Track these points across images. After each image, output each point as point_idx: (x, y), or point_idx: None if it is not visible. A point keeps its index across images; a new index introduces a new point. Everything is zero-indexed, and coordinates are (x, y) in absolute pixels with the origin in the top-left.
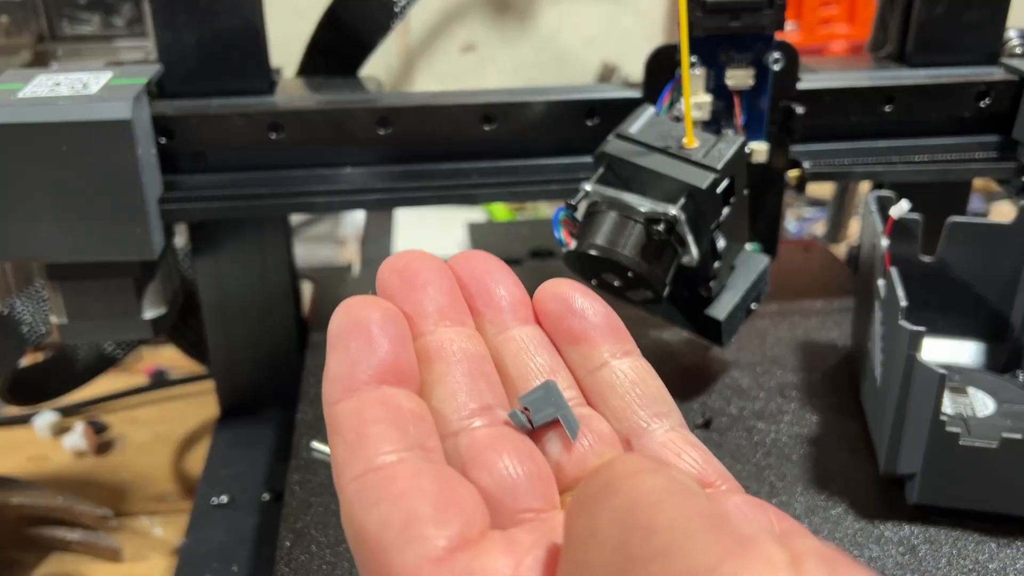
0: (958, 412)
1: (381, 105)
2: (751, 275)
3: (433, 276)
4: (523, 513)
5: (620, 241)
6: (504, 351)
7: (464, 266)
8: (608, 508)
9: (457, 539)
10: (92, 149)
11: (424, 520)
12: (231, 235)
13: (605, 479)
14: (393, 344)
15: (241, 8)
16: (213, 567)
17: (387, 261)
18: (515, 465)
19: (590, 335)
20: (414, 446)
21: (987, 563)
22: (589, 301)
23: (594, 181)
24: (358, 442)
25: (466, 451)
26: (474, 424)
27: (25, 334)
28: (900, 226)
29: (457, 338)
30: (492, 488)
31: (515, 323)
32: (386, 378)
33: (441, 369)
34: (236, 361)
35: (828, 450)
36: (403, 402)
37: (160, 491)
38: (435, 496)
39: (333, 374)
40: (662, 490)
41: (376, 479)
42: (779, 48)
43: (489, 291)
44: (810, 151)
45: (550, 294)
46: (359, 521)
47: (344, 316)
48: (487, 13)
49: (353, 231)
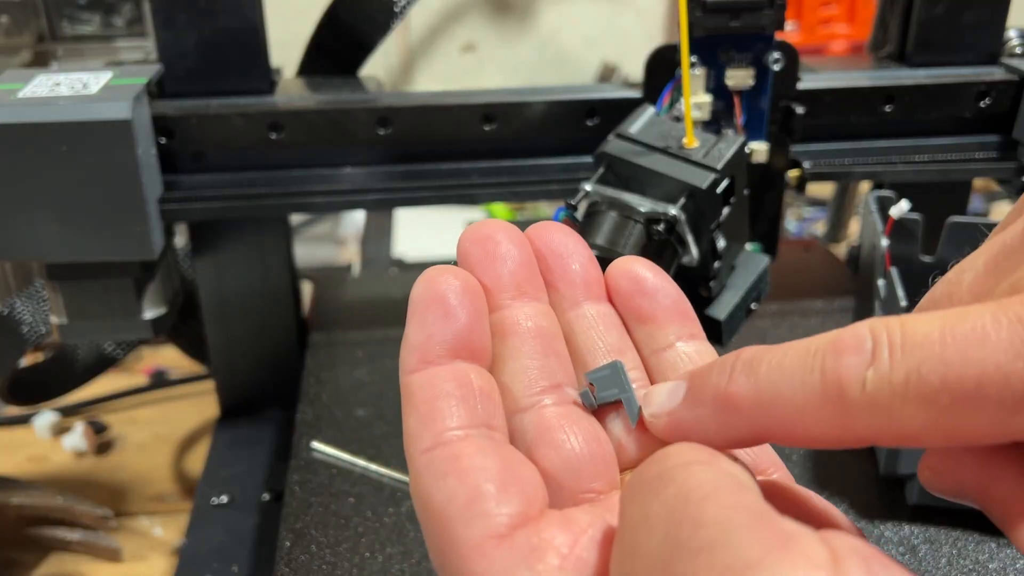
0: None
1: (381, 105)
2: (751, 275)
3: (513, 249)
4: (585, 493)
5: (620, 241)
6: (575, 327)
7: (542, 238)
8: (660, 498)
9: (518, 516)
10: (92, 149)
11: (488, 497)
12: (231, 235)
13: (659, 468)
14: (469, 318)
15: (241, 8)
16: (213, 567)
17: (468, 229)
18: (581, 446)
19: (659, 316)
20: (480, 424)
21: (987, 563)
22: (661, 282)
23: (594, 181)
24: (429, 415)
25: (535, 429)
26: (544, 402)
27: (25, 334)
28: (900, 226)
29: (533, 314)
30: (558, 466)
31: (587, 300)
32: (460, 352)
33: (515, 344)
34: (236, 361)
35: (828, 450)
36: (474, 378)
37: (160, 491)
38: (499, 475)
39: (410, 343)
40: (712, 483)
41: (444, 454)
42: (779, 48)
43: (565, 265)
44: (810, 151)
45: (623, 272)
46: (427, 492)
47: (424, 285)
48: (487, 13)
49: (353, 231)
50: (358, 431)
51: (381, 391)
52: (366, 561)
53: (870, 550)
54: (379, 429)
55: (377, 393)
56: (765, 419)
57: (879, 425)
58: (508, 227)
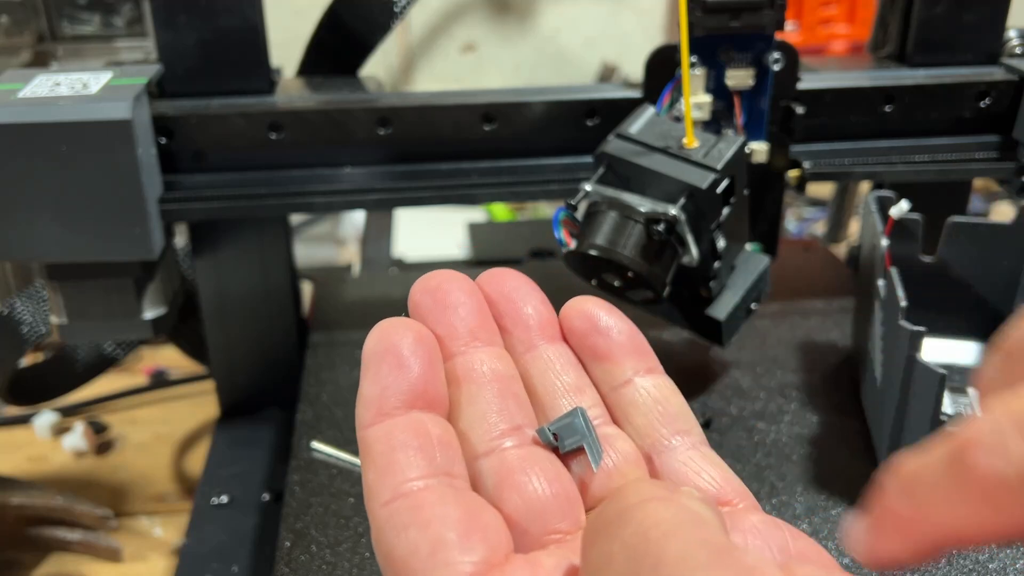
0: (958, 412)
1: (381, 105)
2: (751, 275)
3: (464, 296)
4: (550, 535)
5: (620, 241)
6: (532, 369)
7: (493, 284)
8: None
9: (482, 564)
10: (92, 149)
11: (450, 546)
12: (231, 235)
13: (617, 508)
14: (424, 368)
15: (241, 8)
16: (213, 567)
17: (419, 281)
18: (544, 487)
19: (614, 353)
20: (440, 473)
21: (987, 563)
22: (614, 319)
23: (594, 181)
24: (387, 468)
25: (496, 473)
26: (504, 445)
27: (25, 334)
28: (900, 226)
29: (487, 359)
30: (521, 509)
31: (542, 341)
32: (416, 403)
33: (472, 390)
34: (236, 361)
35: (828, 450)
36: (431, 428)
37: (160, 491)
38: (461, 523)
39: (366, 397)
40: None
41: (405, 505)
42: (779, 48)
43: (517, 309)
44: (810, 151)
45: (576, 311)
46: (389, 545)
47: (377, 338)
48: (487, 13)
49: (353, 231)
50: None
51: None
52: (366, 561)
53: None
54: None
55: None
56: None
57: None
58: (457, 276)
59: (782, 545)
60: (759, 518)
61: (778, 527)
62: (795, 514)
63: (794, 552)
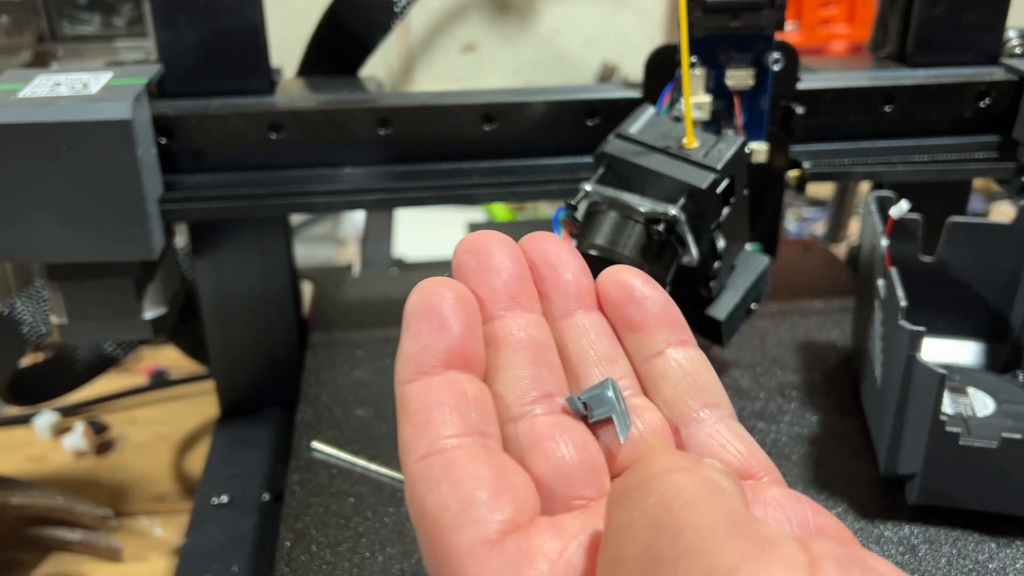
0: (958, 412)
1: (381, 105)
2: (751, 275)
3: (507, 260)
4: (575, 500)
5: (620, 241)
6: (567, 336)
7: (536, 248)
8: (642, 506)
9: (509, 523)
10: (92, 149)
11: (479, 504)
12: (231, 235)
13: (641, 476)
14: (463, 329)
15: (241, 8)
16: (213, 567)
17: (463, 240)
18: (571, 453)
19: (648, 324)
20: (474, 432)
21: (987, 563)
22: (650, 290)
23: (594, 181)
24: (423, 424)
25: (526, 438)
26: (535, 411)
27: (25, 334)
28: (900, 226)
29: (525, 325)
30: (548, 474)
31: (579, 309)
32: (453, 362)
33: (507, 355)
34: (236, 361)
35: (828, 450)
36: (467, 388)
37: (160, 491)
38: (491, 482)
39: (405, 354)
40: (693, 490)
41: (438, 462)
42: (779, 48)
43: (557, 276)
44: (810, 151)
45: (612, 280)
46: (421, 499)
47: (419, 297)
48: (487, 13)
49: (353, 231)
50: (358, 431)
51: (381, 391)
52: (366, 561)
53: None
54: (379, 429)
55: (377, 393)
56: None
57: None
58: (502, 238)
59: (802, 519)
60: (781, 492)
61: (799, 501)
62: None
63: (814, 526)
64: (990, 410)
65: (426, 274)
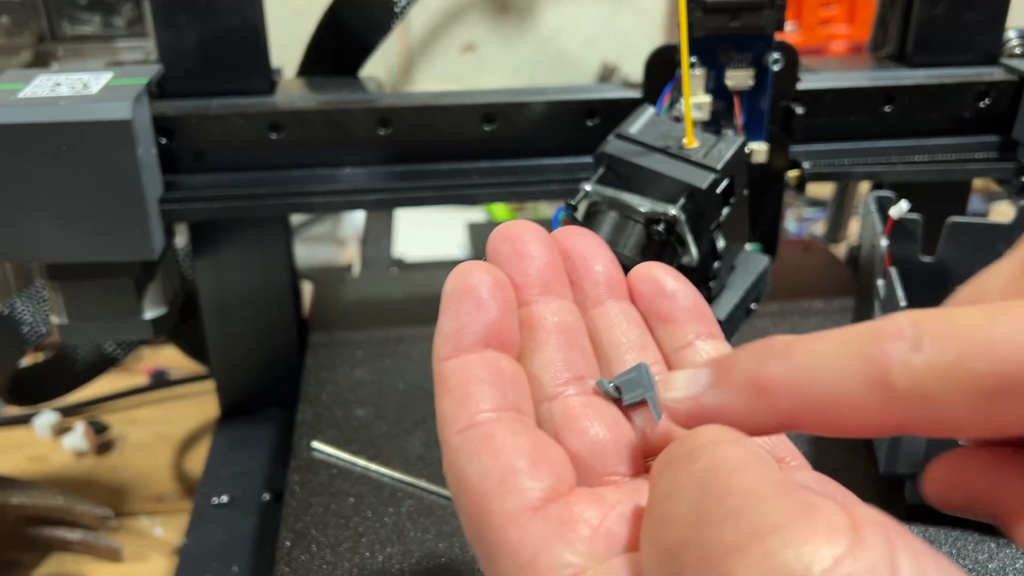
0: None
1: (381, 105)
2: (751, 275)
3: (541, 248)
4: (610, 476)
5: (620, 241)
6: (598, 323)
7: (568, 240)
8: (689, 471)
9: (550, 491)
10: (92, 149)
11: (520, 473)
12: (231, 235)
13: (689, 445)
14: (500, 310)
15: (241, 8)
16: (213, 567)
17: (499, 228)
18: (604, 431)
19: (678, 316)
20: (511, 408)
21: (987, 563)
22: (680, 284)
23: (594, 181)
24: (463, 399)
25: (560, 416)
26: (568, 392)
27: (25, 334)
28: (900, 226)
29: (558, 310)
30: (583, 450)
31: (610, 298)
32: (491, 342)
33: (541, 338)
34: (236, 361)
35: (828, 450)
36: (504, 366)
37: (160, 491)
38: (530, 453)
39: (444, 332)
40: (739, 459)
41: (478, 434)
42: (779, 48)
43: (588, 266)
44: (810, 151)
45: (644, 275)
46: (461, 470)
47: (458, 278)
48: (487, 13)
49: (353, 231)
50: (358, 431)
51: (381, 391)
52: (366, 561)
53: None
54: (379, 429)
55: (377, 393)
56: (800, 405)
57: (922, 412)
58: (536, 228)
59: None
60: (811, 474)
61: (828, 483)
62: None
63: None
64: None
65: (426, 274)
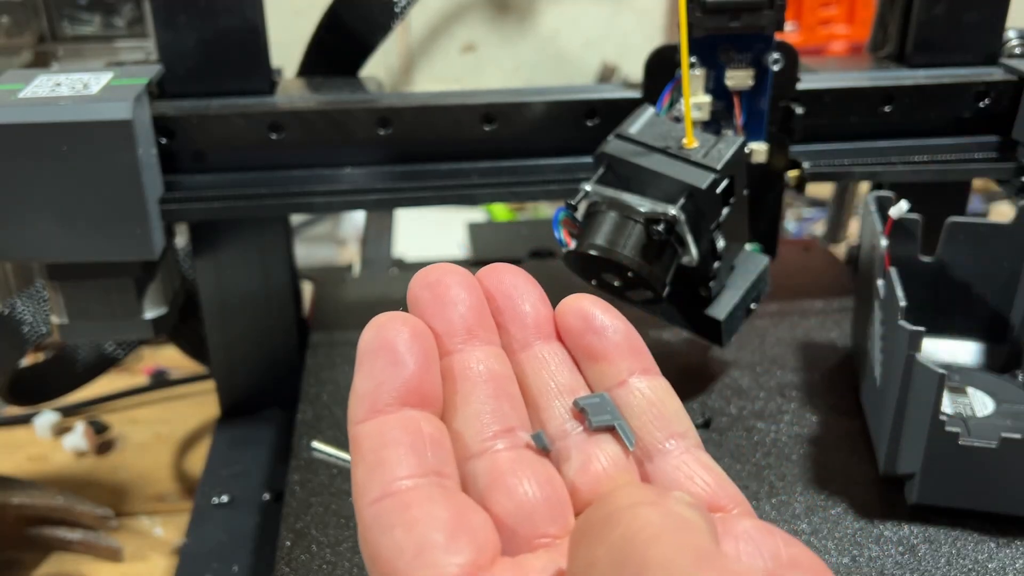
0: (957, 412)
1: (381, 105)
2: (751, 275)
3: (463, 292)
4: (539, 539)
5: (620, 241)
6: (527, 367)
7: (492, 279)
8: (606, 542)
9: (468, 566)
10: (93, 149)
11: (436, 547)
12: (231, 235)
13: (605, 511)
14: (419, 365)
15: (241, 8)
16: (213, 567)
17: (419, 274)
18: (534, 490)
19: (609, 353)
20: (430, 472)
21: (986, 563)
22: (610, 318)
23: (594, 181)
24: (377, 465)
25: (487, 474)
26: (496, 446)
27: (26, 334)
28: (900, 226)
29: (484, 358)
30: (511, 512)
31: (538, 340)
32: (409, 399)
33: (466, 389)
34: (236, 361)
35: (828, 450)
36: (423, 426)
37: (160, 491)
38: (448, 524)
39: (359, 392)
40: (658, 524)
41: (392, 504)
42: (779, 48)
43: (515, 307)
44: (810, 151)
45: (571, 310)
46: (374, 544)
47: (373, 332)
48: (487, 13)
49: (353, 231)
50: None
51: None
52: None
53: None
54: None
55: None
56: None
57: None
58: (458, 271)
59: (774, 551)
60: (752, 523)
61: (771, 533)
62: (794, 513)
63: (786, 559)
64: (989, 410)
65: None
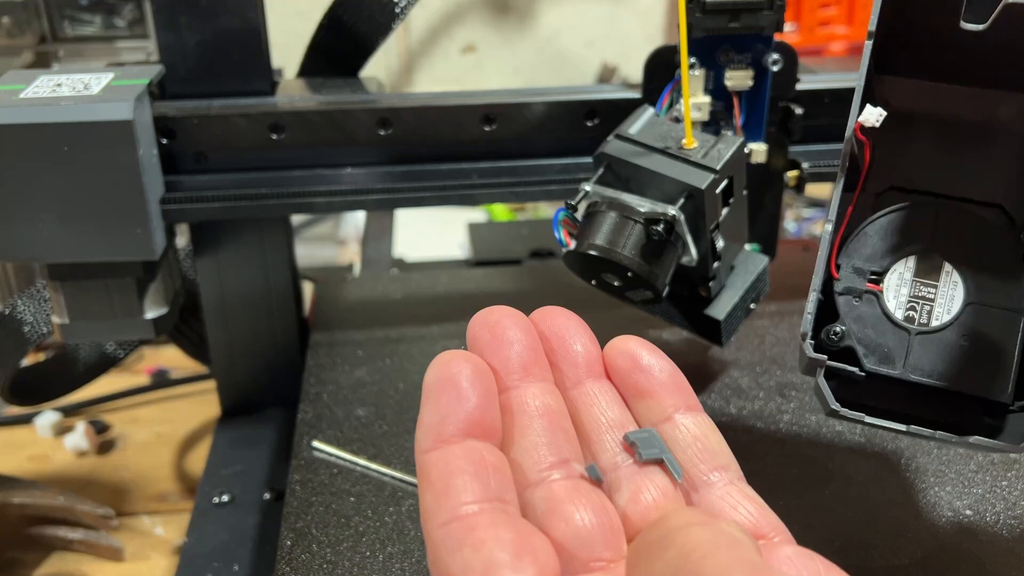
0: (909, 314)
1: (381, 106)
2: (750, 275)
3: (519, 333)
4: (594, 562)
5: (620, 241)
6: (578, 404)
7: (546, 321)
8: (662, 559)
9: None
10: (94, 150)
11: (503, 565)
12: (232, 235)
13: (660, 532)
14: (481, 399)
15: (242, 9)
16: (214, 566)
17: (478, 316)
18: (590, 518)
19: (656, 390)
20: (493, 498)
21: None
22: (655, 358)
23: (594, 181)
24: (445, 491)
25: (544, 503)
26: (552, 477)
27: (27, 334)
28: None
29: (539, 394)
30: (568, 538)
31: (589, 378)
32: (472, 431)
33: (523, 423)
34: (237, 361)
35: (828, 450)
36: (486, 455)
37: (161, 490)
38: (513, 545)
39: (425, 424)
40: (711, 542)
41: (460, 527)
42: (778, 49)
43: (567, 347)
44: (809, 151)
45: (619, 351)
46: (445, 564)
47: (438, 369)
48: (487, 14)
49: (354, 231)
50: (359, 430)
51: (381, 391)
52: (367, 560)
53: None
54: (379, 428)
55: (378, 393)
56: None
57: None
58: (513, 313)
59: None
60: (793, 550)
61: (811, 558)
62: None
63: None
64: (952, 314)
65: (426, 275)
